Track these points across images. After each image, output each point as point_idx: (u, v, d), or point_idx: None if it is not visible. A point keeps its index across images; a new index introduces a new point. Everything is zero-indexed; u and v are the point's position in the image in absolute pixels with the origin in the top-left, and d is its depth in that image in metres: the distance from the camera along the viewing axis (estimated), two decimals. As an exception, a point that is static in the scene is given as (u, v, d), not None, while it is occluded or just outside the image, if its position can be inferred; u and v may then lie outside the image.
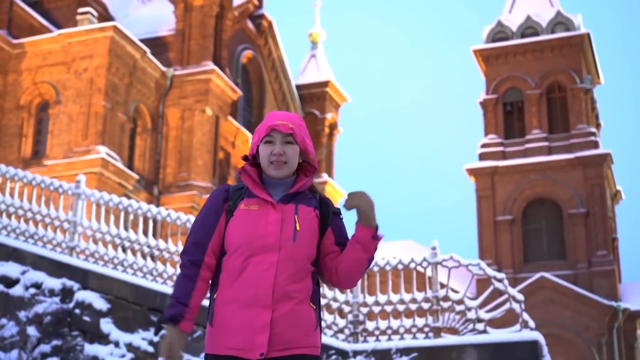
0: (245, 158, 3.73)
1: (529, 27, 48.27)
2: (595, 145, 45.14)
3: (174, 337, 3.48)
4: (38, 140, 33.78)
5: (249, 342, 3.45)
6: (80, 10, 35.03)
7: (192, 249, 3.59)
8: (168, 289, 11.91)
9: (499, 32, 48.72)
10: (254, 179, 3.65)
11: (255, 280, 3.48)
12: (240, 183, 3.74)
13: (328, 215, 3.67)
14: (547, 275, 42.21)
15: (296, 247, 3.54)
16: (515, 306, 11.03)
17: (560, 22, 48.12)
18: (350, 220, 3.69)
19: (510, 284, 38.05)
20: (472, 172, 46.16)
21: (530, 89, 46.74)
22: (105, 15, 38.74)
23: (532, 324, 11.04)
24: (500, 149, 46.30)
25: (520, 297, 11.12)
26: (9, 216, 13.56)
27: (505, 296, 11.18)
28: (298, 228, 3.56)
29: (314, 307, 3.59)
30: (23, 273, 12.35)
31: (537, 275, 42.23)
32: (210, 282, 3.61)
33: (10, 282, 12.29)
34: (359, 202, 3.46)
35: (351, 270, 3.58)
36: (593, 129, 45.84)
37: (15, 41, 34.12)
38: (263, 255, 3.51)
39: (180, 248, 12.39)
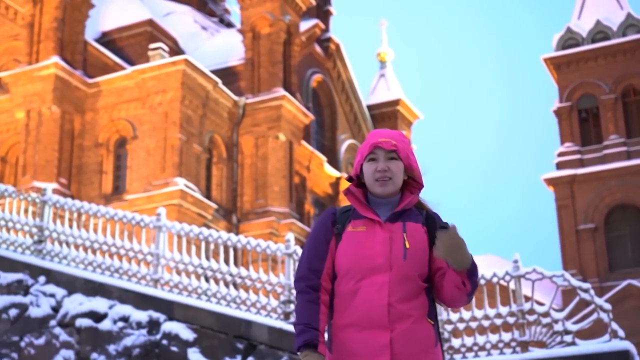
0: (349, 179, 3.72)
1: (600, 32, 47.57)
2: (675, 147, 44.22)
3: None
4: (118, 175, 34.41)
5: None
6: (152, 45, 35.71)
7: (309, 275, 3.57)
8: (252, 316, 12.01)
9: (569, 39, 48.11)
10: (359, 199, 3.63)
11: (369, 302, 3.45)
12: (347, 205, 3.72)
13: (435, 230, 3.61)
14: (634, 282, 41.29)
15: (407, 265, 3.50)
16: (603, 316, 10.84)
17: (631, 24, 47.33)
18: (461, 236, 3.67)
19: (597, 293, 37.32)
20: (551, 181, 45.56)
21: (604, 94, 46.00)
22: (175, 49, 39.40)
23: (621, 333, 10.84)
24: (578, 156, 45.61)
25: (608, 306, 10.94)
26: (94, 252, 13.85)
27: (592, 306, 11.00)
28: (407, 246, 3.53)
29: (432, 322, 3.55)
30: (110, 307, 12.60)
31: (623, 283, 41.36)
32: (329, 306, 3.58)
33: (99, 317, 12.54)
34: (446, 251, 3.39)
35: (452, 301, 3.56)
36: (672, 131, 44.92)
37: (90, 80, 34.91)
38: (374, 276, 3.48)
39: (262, 275, 12.49)
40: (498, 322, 11.29)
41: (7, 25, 37.25)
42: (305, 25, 41.16)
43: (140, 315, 12.30)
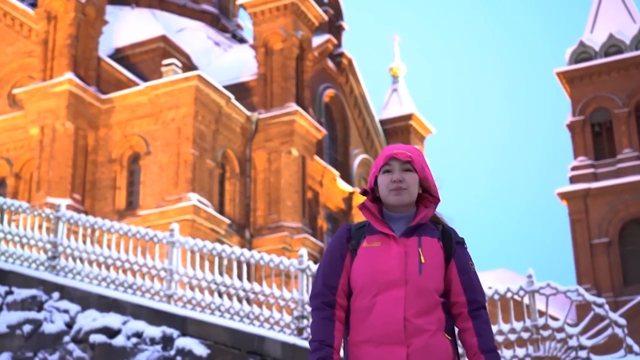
0: (363, 192, 3.71)
1: (613, 45, 47.52)
2: (689, 160, 44.04)
3: None
4: (131, 191, 34.48)
5: None
6: (165, 61, 35.81)
7: (325, 291, 3.56)
8: (265, 331, 11.99)
9: (582, 53, 48.08)
10: (374, 214, 3.61)
11: (385, 317, 3.43)
12: (362, 221, 3.71)
13: (451, 245, 3.61)
14: (649, 296, 41.11)
15: (423, 280, 3.48)
16: (618, 331, 10.79)
17: (644, 37, 47.25)
18: (473, 250, 3.68)
19: (611, 308, 37.12)
20: (564, 196, 45.44)
21: (618, 107, 45.90)
22: (188, 65, 39.52)
23: (636, 348, 10.78)
24: (591, 170, 45.49)
25: (623, 321, 10.89)
26: (107, 268, 13.88)
27: (606, 321, 10.95)
28: (423, 260, 3.51)
29: (449, 337, 3.56)
30: (124, 323, 12.60)
31: (638, 298, 41.15)
32: (344, 323, 3.57)
33: (112, 333, 12.54)
34: None
35: None
36: (686, 144, 44.76)
37: (104, 96, 35.04)
38: (390, 291, 3.46)
39: (275, 290, 12.49)
40: (512, 337, 11.24)
41: (22, 42, 37.48)
42: (317, 40, 41.23)
43: (154, 331, 12.29)
